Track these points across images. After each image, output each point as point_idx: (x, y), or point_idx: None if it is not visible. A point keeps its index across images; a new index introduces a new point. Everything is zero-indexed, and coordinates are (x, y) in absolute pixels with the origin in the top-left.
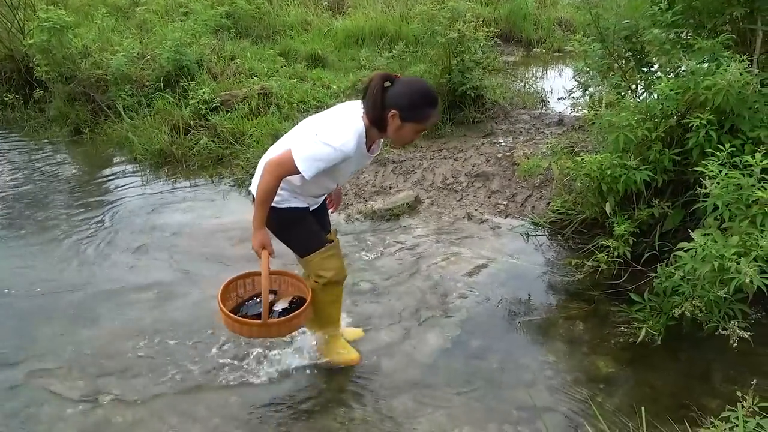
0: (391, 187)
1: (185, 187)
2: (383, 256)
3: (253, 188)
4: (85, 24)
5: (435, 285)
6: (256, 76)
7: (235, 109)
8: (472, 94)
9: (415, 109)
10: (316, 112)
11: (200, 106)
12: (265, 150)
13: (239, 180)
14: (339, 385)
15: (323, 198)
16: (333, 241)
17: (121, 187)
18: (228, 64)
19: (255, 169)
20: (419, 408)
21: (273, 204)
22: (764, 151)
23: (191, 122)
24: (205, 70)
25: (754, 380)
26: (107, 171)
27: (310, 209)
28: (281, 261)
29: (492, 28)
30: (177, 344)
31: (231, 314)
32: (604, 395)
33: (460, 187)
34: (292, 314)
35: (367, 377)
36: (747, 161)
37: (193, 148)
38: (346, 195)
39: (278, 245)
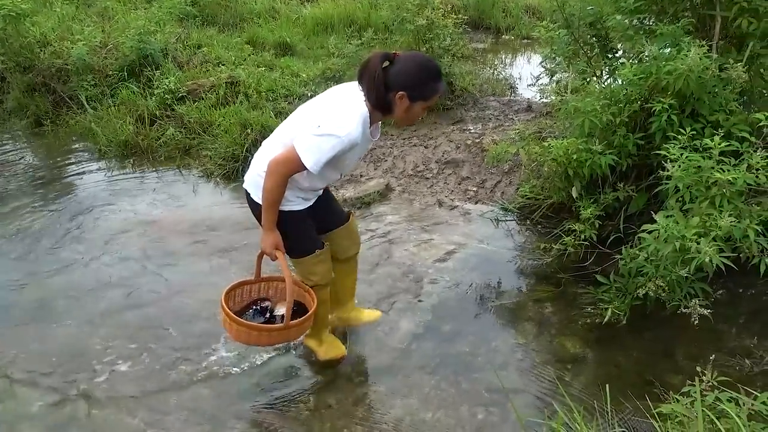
0: (361, 176)
1: (152, 179)
2: None
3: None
4: (44, 12)
5: (406, 271)
6: (224, 64)
7: (203, 99)
8: None
9: (422, 86)
10: (286, 101)
11: (166, 96)
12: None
13: (208, 171)
14: (311, 373)
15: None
16: (327, 245)
17: (86, 179)
18: (194, 52)
19: (224, 159)
20: (392, 392)
21: (280, 207)
22: (722, 134)
23: (157, 112)
24: (170, 59)
25: (713, 356)
26: (71, 164)
27: (312, 204)
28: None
29: (461, 15)
30: (144, 339)
31: (247, 322)
32: (571, 375)
33: (431, 174)
34: (305, 316)
35: (343, 363)
36: (706, 144)
37: (160, 138)
38: None
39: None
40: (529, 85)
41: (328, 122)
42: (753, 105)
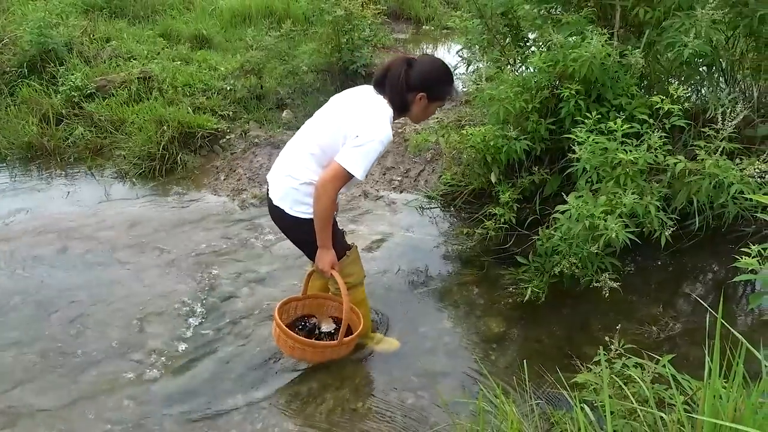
0: None
1: (62, 182)
2: (281, 239)
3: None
4: None
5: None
6: (135, 59)
7: (113, 95)
8: (364, 72)
9: (440, 88)
10: (204, 96)
11: (72, 93)
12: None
13: (122, 171)
14: (239, 372)
15: None
16: (354, 244)
17: None
18: (102, 46)
19: (140, 158)
20: (323, 385)
21: (306, 216)
22: (624, 117)
23: (63, 111)
24: (75, 53)
25: (619, 325)
26: None
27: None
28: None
29: (380, 6)
30: (58, 349)
31: (310, 340)
32: (497, 354)
33: None
34: (356, 333)
35: (266, 360)
36: (611, 127)
37: (68, 138)
38: (239, 180)
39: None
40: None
41: (365, 130)
42: (652, 89)
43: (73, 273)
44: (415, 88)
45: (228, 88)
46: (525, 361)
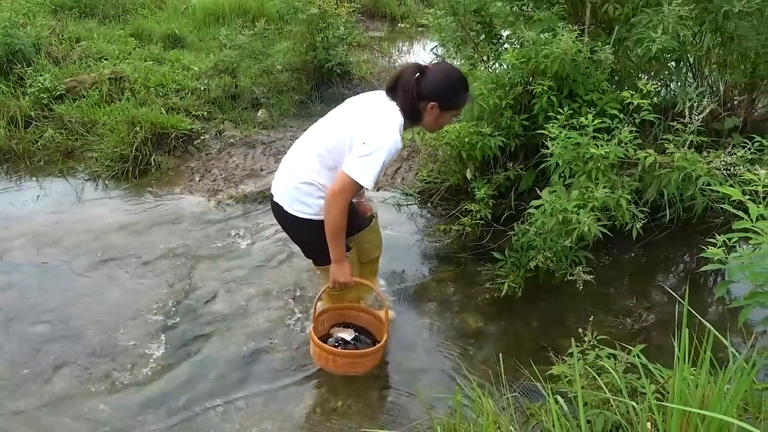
0: (261, 169)
1: (32, 186)
2: (257, 240)
3: (282, 199)
4: None
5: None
6: (106, 59)
7: (84, 97)
8: (339, 71)
9: (453, 97)
10: (177, 96)
11: (41, 94)
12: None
13: (95, 173)
14: (215, 375)
15: None
16: (352, 245)
17: None
18: (72, 47)
19: (112, 160)
20: (302, 384)
21: (313, 217)
22: (595, 112)
23: (32, 113)
24: (44, 54)
25: (592, 317)
26: None
27: None
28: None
29: (354, 4)
30: (32, 355)
31: (348, 351)
32: (474, 349)
33: None
34: (382, 342)
35: (244, 361)
36: (582, 122)
37: (38, 141)
38: (214, 181)
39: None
40: None
41: (372, 137)
42: (622, 84)
43: (46, 277)
44: (426, 97)
45: (202, 88)
46: (501, 355)
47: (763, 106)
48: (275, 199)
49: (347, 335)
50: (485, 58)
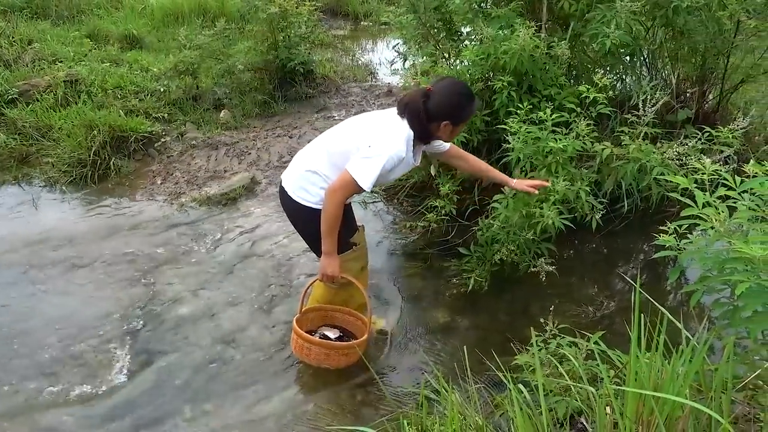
0: (225, 171)
1: None
2: (222, 242)
3: (288, 184)
4: None
5: (278, 264)
6: (61, 61)
7: (38, 101)
8: (302, 70)
9: (462, 112)
10: (136, 98)
11: None
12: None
13: (52, 179)
14: (181, 382)
15: None
16: (357, 243)
17: None
18: (24, 49)
19: (69, 165)
20: (271, 388)
21: (313, 205)
22: (553, 107)
23: None
24: None
25: (553, 306)
26: None
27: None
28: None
29: (316, 2)
30: None
31: (322, 341)
32: (442, 344)
33: None
34: (359, 340)
35: (209, 366)
36: (541, 116)
37: None
38: (177, 184)
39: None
40: (394, 72)
41: (377, 142)
42: (579, 79)
43: (1, 287)
44: (436, 118)
45: (162, 90)
46: (465, 348)
47: (714, 98)
48: (282, 184)
49: (332, 333)
50: (446, 55)
